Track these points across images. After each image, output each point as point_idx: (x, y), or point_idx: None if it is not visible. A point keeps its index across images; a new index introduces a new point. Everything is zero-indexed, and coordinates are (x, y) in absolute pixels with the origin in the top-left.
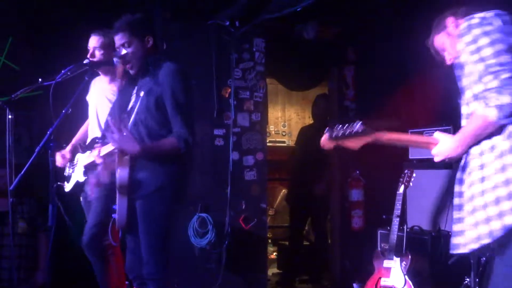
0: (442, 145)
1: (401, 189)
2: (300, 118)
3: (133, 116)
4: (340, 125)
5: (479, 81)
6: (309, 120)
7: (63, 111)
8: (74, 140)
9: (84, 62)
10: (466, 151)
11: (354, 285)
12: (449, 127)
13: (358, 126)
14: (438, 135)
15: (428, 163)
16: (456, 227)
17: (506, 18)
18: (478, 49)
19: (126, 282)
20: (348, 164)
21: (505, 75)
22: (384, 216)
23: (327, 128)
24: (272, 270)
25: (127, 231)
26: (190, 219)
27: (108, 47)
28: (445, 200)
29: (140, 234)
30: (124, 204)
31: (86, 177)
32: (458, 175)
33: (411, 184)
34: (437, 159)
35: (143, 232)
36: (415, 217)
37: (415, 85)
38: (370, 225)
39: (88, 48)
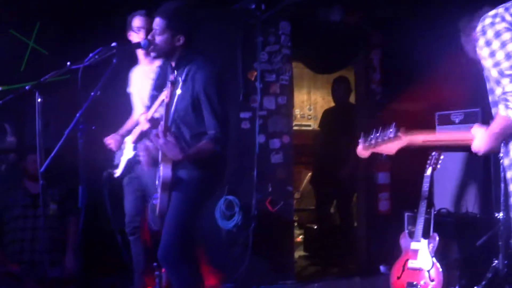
0: (477, 140)
1: (429, 171)
2: (326, 102)
3: (171, 112)
4: (374, 133)
5: (498, 84)
6: None
7: (92, 93)
8: (121, 130)
9: (112, 45)
10: (499, 146)
11: (381, 267)
12: (478, 109)
13: (390, 131)
14: (473, 130)
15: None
16: None
17: None
18: (492, 54)
19: (154, 264)
20: None
21: None
22: (411, 199)
23: (361, 137)
24: (299, 253)
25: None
26: (217, 202)
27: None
28: (473, 183)
29: (166, 219)
30: (166, 198)
31: (135, 151)
32: (508, 174)
33: (438, 166)
34: (479, 153)
35: (169, 217)
36: (443, 199)
37: (442, 68)
38: (397, 208)
39: (134, 28)
